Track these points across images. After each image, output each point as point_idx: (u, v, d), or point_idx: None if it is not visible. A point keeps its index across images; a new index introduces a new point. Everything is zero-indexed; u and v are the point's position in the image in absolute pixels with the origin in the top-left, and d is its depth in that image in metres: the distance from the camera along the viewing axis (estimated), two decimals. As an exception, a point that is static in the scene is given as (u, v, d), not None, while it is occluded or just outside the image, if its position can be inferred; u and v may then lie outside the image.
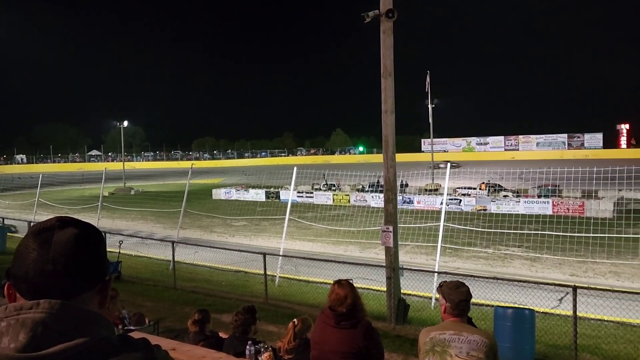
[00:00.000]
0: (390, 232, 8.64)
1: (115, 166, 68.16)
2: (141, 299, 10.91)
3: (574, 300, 6.97)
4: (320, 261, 13.02)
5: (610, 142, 63.00)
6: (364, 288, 12.45)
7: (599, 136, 63.18)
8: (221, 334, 5.54)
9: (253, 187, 39.63)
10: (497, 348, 2.77)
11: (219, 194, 39.89)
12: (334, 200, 35.33)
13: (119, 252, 14.45)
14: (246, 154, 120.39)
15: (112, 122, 75.62)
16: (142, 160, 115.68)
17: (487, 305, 8.37)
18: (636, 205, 23.83)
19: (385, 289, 9.12)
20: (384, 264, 9.19)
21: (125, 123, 60.36)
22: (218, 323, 7.50)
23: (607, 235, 18.55)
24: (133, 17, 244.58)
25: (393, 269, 8.70)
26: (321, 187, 38.22)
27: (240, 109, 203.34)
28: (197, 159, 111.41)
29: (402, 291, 8.92)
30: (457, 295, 2.83)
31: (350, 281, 3.18)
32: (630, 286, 14.60)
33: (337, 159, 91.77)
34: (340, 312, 3.02)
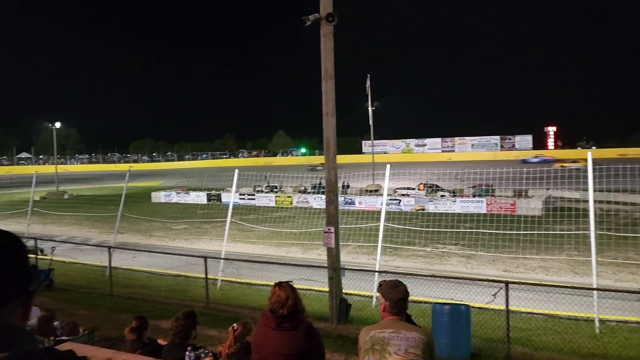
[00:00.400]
0: (332, 233, 8.73)
1: (47, 169, 64.85)
2: (75, 307, 10.45)
3: (506, 295, 7.30)
4: (262, 263, 12.96)
5: (539, 143, 66.50)
6: (306, 289, 12.50)
7: (529, 138, 66.57)
8: (160, 341, 5.40)
9: (194, 190, 38.88)
10: (433, 344, 2.87)
11: (159, 197, 38.83)
12: (276, 202, 35.23)
13: (51, 259, 13.77)
14: (187, 156, 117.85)
15: (43, 124, 71.87)
16: (77, 163, 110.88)
17: (426, 303, 8.61)
18: (563, 203, 25.24)
19: (327, 289, 9.19)
20: (326, 265, 9.26)
21: (58, 124, 57.49)
22: (157, 330, 7.30)
23: (536, 232, 19.58)
24: (67, 15, 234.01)
25: (335, 270, 8.78)
26: (263, 189, 38.02)
27: (181, 111, 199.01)
28: (135, 161, 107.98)
29: (343, 291, 9.02)
30: (395, 294, 2.90)
31: (291, 283, 3.19)
32: (557, 280, 15.44)
33: (279, 160, 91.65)
34: (281, 314, 3.03)
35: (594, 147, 60.81)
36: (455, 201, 31.28)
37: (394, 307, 2.86)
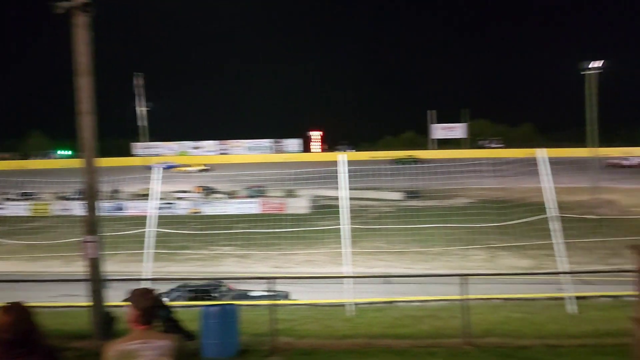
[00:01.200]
0: (93, 242, 8.03)
1: None
2: None
3: (274, 290, 7.70)
4: (12, 282, 11.28)
5: (307, 147, 71.98)
6: (67, 306, 11.30)
7: (298, 141, 71.50)
8: None
9: None
10: (185, 348, 2.87)
11: None
12: (31, 211, 31.04)
13: None
14: None
15: None
16: None
17: (198, 306, 8.56)
18: (326, 202, 27.77)
19: (90, 303, 8.43)
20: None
21: None
22: None
23: (303, 228, 21.17)
24: None
25: (97, 282, 8.11)
26: (15, 197, 33.11)
27: None
28: None
29: (108, 303, 8.39)
30: (144, 303, 2.80)
31: (22, 303, 2.82)
32: (320, 271, 16.95)
33: (35, 164, 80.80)
34: (11, 340, 2.65)
35: (352, 150, 68.27)
36: (230, 202, 31.85)
37: (143, 316, 2.75)
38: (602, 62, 30.16)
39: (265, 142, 71.68)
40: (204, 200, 32.61)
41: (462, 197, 25.28)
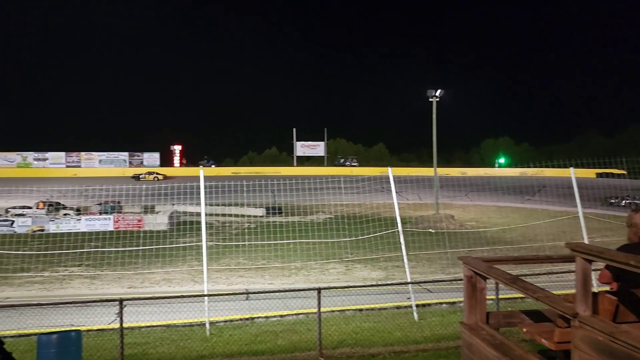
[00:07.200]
0: None
1: None
2: None
3: (120, 313, 7.29)
4: None
5: (166, 160, 69.39)
6: None
7: (157, 155, 68.60)
8: None
9: None
10: None
11: None
12: None
13: None
14: None
15: None
16: None
17: (35, 334, 7.77)
18: (187, 218, 26.97)
19: None
20: None
21: None
22: None
23: (161, 246, 20.31)
24: None
25: None
26: None
27: None
28: None
29: None
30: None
31: None
32: (179, 290, 16.36)
33: None
34: None
35: (213, 165, 67.27)
36: (80, 219, 29.50)
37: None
38: (440, 91, 33.87)
39: (121, 155, 67.64)
40: (49, 217, 29.77)
41: (322, 213, 26.21)
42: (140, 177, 55.48)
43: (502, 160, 76.99)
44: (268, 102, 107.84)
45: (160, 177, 57.41)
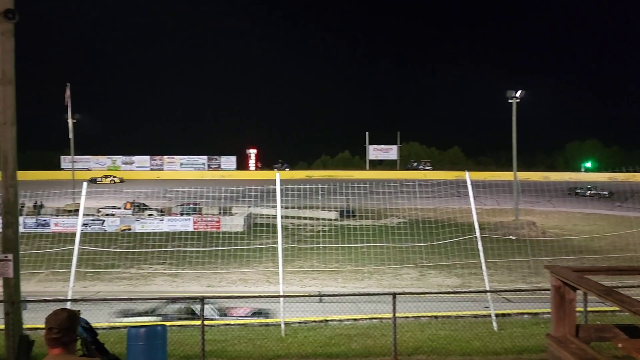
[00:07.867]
0: (10, 260, 7.57)
1: None
2: None
3: (202, 310, 7.57)
4: None
5: (242, 164, 71.35)
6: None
7: (233, 159, 70.73)
8: None
9: None
10: None
11: None
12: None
13: None
14: None
15: None
16: None
17: (125, 327, 8.24)
18: (261, 220, 27.62)
19: (4, 327, 7.91)
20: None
21: None
22: None
23: (238, 247, 20.93)
24: None
25: (13, 303, 7.63)
26: None
27: None
28: None
29: (25, 326, 7.90)
30: (59, 324, 2.68)
31: None
32: (255, 290, 16.79)
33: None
34: None
35: (287, 169, 68.41)
36: (162, 220, 31.01)
37: (58, 339, 2.63)
38: (521, 92, 32.57)
39: (200, 159, 70.41)
40: (135, 217, 31.55)
41: (395, 217, 25.92)
42: (97, 180, 57.68)
43: (589, 164, 72.73)
44: (341, 105, 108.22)
45: (117, 180, 60.67)
